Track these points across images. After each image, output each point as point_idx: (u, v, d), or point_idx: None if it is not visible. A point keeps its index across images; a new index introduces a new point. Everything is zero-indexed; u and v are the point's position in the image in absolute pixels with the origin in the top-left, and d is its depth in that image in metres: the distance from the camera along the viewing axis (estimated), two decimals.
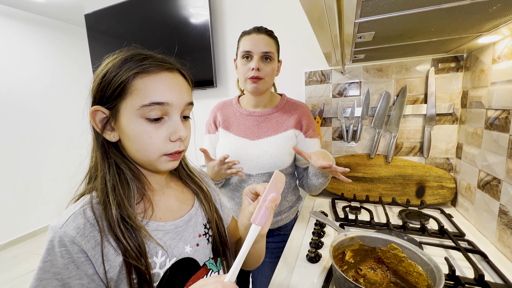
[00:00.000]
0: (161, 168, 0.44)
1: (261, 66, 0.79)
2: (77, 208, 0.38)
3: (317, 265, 0.69)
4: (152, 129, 0.41)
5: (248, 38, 0.80)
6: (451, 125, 1.01)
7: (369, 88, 1.11)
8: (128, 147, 0.43)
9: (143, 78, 0.40)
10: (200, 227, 0.50)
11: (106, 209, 0.38)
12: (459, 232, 0.79)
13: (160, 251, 0.42)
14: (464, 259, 0.65)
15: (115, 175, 0.41)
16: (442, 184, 1.01)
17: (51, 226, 0.37)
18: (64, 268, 0.35)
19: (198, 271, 0.47)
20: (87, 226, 0.37)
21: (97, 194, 0.40)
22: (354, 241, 0.58)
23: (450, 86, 1.00)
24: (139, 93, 0.40)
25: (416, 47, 0.84)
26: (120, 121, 0.41)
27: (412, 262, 0.52)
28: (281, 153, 0.83)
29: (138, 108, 0.40)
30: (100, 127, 0.42)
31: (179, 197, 0.51)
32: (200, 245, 0.49)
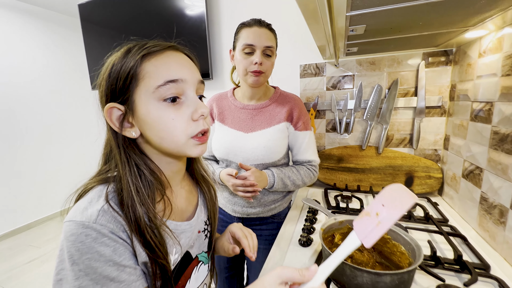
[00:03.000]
0: (191, 153, 0.43)
1: (263, 61, 0.79)
2: (101, 204, 0.37)
3: (308, 249, 0.72)
4: (173, 111, 0.40)
5: (250, 31, 0.79)
6: (439, 117, 1.05)
7: (362, 81, 1.13)
8: (152, 138, 0.41)
9: (150, 59, 0.39)
10: (201, 224, 0.53)
11: (130, 209, 0.38)
12: (443, 218, 0.84)
13: (175, 249, 0.44)
14: (446, 242, 0.69)
15: (137, 177, 0.40)
16: (429, 174, 1.05)
17: (78, 222, 0.35)
18: (114, 253, 0.35)
19: (191, 263, 0.49)
20: (116, 221, 0.37)
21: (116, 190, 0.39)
22: (343, 225, 0.62)
23: (439, 80, 1.03)
24: (151, 76, 0.39)
25: (407, 40, 0.86)
26: (138, 111, 0.40)
27: (396, 243, 0.56)
28: (274, 145, 0.86)
29: (153, 91, 0.38)
30: (118, 125, 0.40)
31: (187, 198, 0.52)
32: (197, 241, 0.51)
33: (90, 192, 0.39)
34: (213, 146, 0.91)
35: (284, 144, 0.88)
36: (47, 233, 2.71)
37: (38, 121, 2.91)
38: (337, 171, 1.20)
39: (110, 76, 0.39)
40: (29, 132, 2.82)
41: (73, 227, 0.35)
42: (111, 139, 0.41)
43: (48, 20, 2.96)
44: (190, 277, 0.49)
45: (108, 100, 0.40)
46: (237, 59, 0.82)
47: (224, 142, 0.87)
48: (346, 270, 0.46)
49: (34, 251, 2.39)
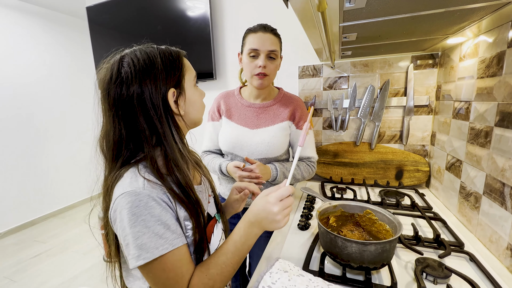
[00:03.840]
0: (201, 122, 0.59)
1: (267, 64, 0.87)
2: (141, 178, 0.45)
3: (306, 232, 0.81)
4: (200, 92, 0.58)
5: (255, 36, 0.86)
6: (427, 115, 1.14)
7: (356, 82, 1.22)
8: (192, 113, 0.55)
9: (184, 59, 0.54)
10: (208, 190, 0.63)
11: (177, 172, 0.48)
12: (427, 206, 0.93)
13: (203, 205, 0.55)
14: (428, 226, 0.78)
15: (179, 147, 0.50)
16: (418, 168, 1.15)
17: (130, 191, 0.43)
18: (161, 214, 0.43)
19: (211, 221, 0.59)
20: (159, 188, 0.45)
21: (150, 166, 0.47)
22: (337, 209, 0.71)
23: (427, 81, 1.12)
24: (188, 69, 0.54)
25: (396, 45, 0.95)
26: (187, 94, 0.53)
27: (382, 223, 0.64)
28: (277, 141, 0.94)
29: (193, 79, 0.55)
30: (173, 104, 0.50)
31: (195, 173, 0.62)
32: (211, 202, 0.62)
33: (126, 173, 0.46)
34: (220, 140, 0.99)
35: (286, 141, 0.96)
36: (51, 229, 2.78)
37: (45, 119, 2.97)
38: (333, 165, 1.28)
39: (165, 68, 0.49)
40: (35, 130, 2.88)
41: (128, 197, 0.43)
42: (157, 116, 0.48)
43: (55, 21, 3.02)
44: (213, 231, 0.58)
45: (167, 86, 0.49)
46: (244, 62, 0.90)
47: (230, 137, 0.95)
48: (338, 242, 0.55)
49: (40, 246, 2.45)
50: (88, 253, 2.27)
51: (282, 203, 0.48)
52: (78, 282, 1.90)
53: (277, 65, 0.91)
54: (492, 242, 0.68)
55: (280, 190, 0.49)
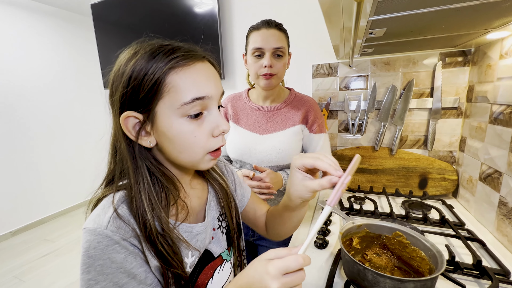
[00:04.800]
0: (203, 167, 0.43)
1: (273, 63, 0.79)
2: (111, 212, 0.37)
3: (324, 251, 0.73)
4: (195, 127, 0.39)
5: (258, 34, 0.78)
6: (455, 119, 1.04)
7: (376, 82, 1.12)
8: (169, 150, 0.40)
9: (178, 73, 0.37)
10: (214, 221, 0.52)
11: (141, 218, 0.37)
12: (459, 221, 0.83)
13: (191, 252, 0.43)
14: (464, 246, 0.69)
15: (149, 185, 0.39)
16: (444, 176, 1.04)
17: (89, 229, 0.35)
18: (124, 261, 0.35)
19: (212, 261, 0.49)
20: (127, 229, 0.37)
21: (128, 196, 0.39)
22: (361, 229, 0.62)
23: (456, 80, 1.01)
24: (177, 90, 0.37)
25: (425, 41, 0.85)
26: (158, 124, 0.38)
27: (415, 248, 0.56)
28: (288, 148, 0.86)
29: (179, 107, 0.37)
30: (134, 134, 0.39)
31: (199, 197, 0.51)
32: (215, 238, 0.50)
33: (104, 200, 0.40)
34: (227, 147, 0.92)
35: (298, 146, 0.88)
36: (60, 227, 2.79)
37: (51, 117, 2.97)
38: None
39: (130, 82, 0.37)
40: (42, 128, 2.89)
41: (87, 235, 0.35)
42: (123, 146, 0.40)
43: (60, 18, 3.00)
44: (212, 276, 0.49)
45: (126, 107, 0.38)
46: (249, 62, 0.83)
47: (238, 144, 0.87)
48: (367, 275, 0.47)
49: (48, 245, 2.46)
50: None
51: (285, 280, 0.33)
52: None
53: (285, 63, 0.83)
54: None
55: (287, 260, 0.33)
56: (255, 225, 0.65)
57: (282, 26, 0.83)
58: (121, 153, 0.40)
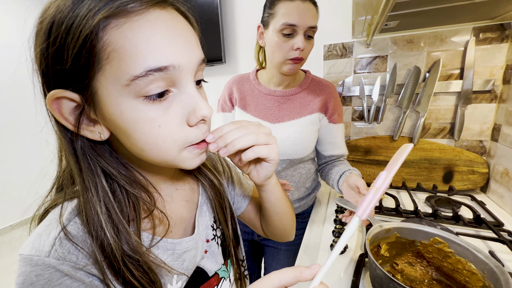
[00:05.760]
0: (188, 165, 0.31)
1: (305, 45, 0.65)
2: (57, 230, 0.26)
3: (343, 257, 0.63)
4: (159, 113, 0.26)
5: (292, 6, 0.63)
6: (488, 103, 0.91)
7: (397, 62, 0.99)
8: (128, 146, 0.28)
9: (121, 26, 0.23)
10: (207, 230, 0.41)
11: (97, 239, 0.27)
12: (496, 221, 0.72)
13: (175, 277, 0.33)
14: (509, 251, 0.59)
15: (106, 193, 0.28)
16: (473, 168, 0.93)
17: (27, 256, 0.25)
18: None
19: (206, 281, 0.38)
20: (81, 254, 0.26)
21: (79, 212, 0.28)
22: (391, 233, 0.52)
23: (491, 60, 0.88)
24: (121, 56, 0.24)
25: (460, 11, 0.72)
26: (103, 108, 0.26)
27: (461, 259, 0.45)
28: (305, 139, 0.75)
29: (127, 84, 0.24)
30: (72, 121, 0.27)
31: (188, 201, 0.40)
32: (209, 252, 0.40)
33: (51, 213, 0.29)
34: None
35: (315, 138, 0.77)
36: None
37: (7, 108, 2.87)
38: (364, 164, 1.08)
39: (50, 41, 0.24)
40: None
41: (22, 265, 0.25)
42: (61, 140, 0.28)
43: None
44: None
45: (52, 82, 0.25)
46: (272, 41, 0.67)
47: None
48: None
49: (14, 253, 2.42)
50: None
51: None
52: None
53: (313, 45, 0.70)
54: None
55: None
56: (255, 225, 0.54)
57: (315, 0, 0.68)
58: (61, 150, 0.29)
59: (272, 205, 0.44)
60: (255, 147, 0.33)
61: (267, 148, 0.33)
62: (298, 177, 0.81)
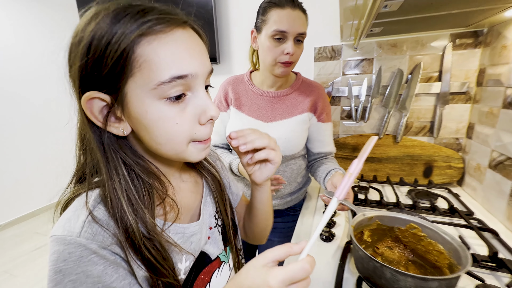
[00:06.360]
0: (193, 159, 0.36)
1: (295, 50, 0.71)
2: (85, 215, 0.30)
3: (331, 244, 0.69)
4: (176, 113, 0.32)
5: (283, 14, 0.68)
6: (463, 104, 0.99)
7: (382, 65, 1.06)
8: (147, 140, 0.33)
9: (151, 42, 0.29)
10: (210, 218, 0.46)
11: (122, 221, 0.31)
12: (468, 211, 0.80)
13: (184, 256, 0.38)
14: (476, 237, 0.66)
15: (127, 181, 0.33)
16: (450, 164, 1.01)
17: (59, 237, 0.29)
18: (103, 273, 0.30)
19: (209, 264, 0.44)
20: (106, 234, 0.31)
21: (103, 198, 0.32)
22: (373, 221, 0.58)
23: (466, 64, 0.96)
24: (151, 66, 0.29)
25: (437, 20, 0.79)
26: (130, 108, 0.31)
27: (432, 241, 0.52)
28: (295, 137, 0.80)
29: (154, 88, 0.30)
30: (101, 119, 0.32)
31: (193, 192, 0.45)
32: (212, 238, 0.45)
33: (75, 201, 0.33)
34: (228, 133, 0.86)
35: (305, 136, 0.83)
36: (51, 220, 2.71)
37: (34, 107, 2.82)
38: (352, 160, 1.14)
39: (90, 54, 0.29)
40: (28, 118, 2.75)
41: (55, 244, 0.29)
42: (90, 135, 0.32)
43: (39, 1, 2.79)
44: (210, 281, 0.43)
45: (87, 86, 0.30)
46: (265, 45, 0.72)
47: None
48: (385, 274, 0.43)
49: (40, 238, 2.40)
50: None
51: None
52: None
53: (302, 49, 0.75)
54: None
55: (293, 268, 0.29)
56: (239, 224, 0.60)
57: (304, 7, 0.73)
58: (88, 144, 0.33)
59: (263, 204, 0.51)
60: (266, 149, 0.41)
61: (275, 152, 0.42)
62: (290, 173, 0.87)
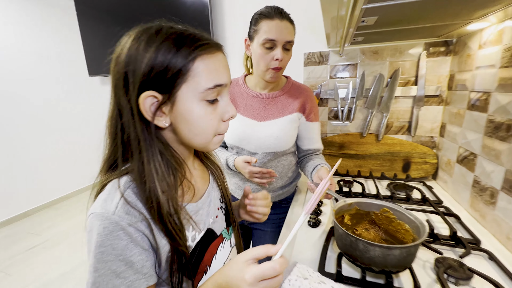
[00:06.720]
0: (212, 148, 0.46)
1: (283, 56, 0.79)
2: (118, 197, 0.38)
3: (317, 229, 0.78)
4: (211, 112, 0.42)
5: (272, 24, 0.76)
6: (437, 106, 1.10)
7: (365, 70, 1.16)
8: (185, 132, 0.42)
9: (204, 60, 0.39)
10: (217, 201, 0.56)
11: (154, 197, 0.38)
12: (438, 200, 0.91)
13: (191, 226, 0.46)
14: (442, 221, 0.76)
15: (161, 165, 0.40)
16: (425, 160, 1.12)
17: (97, 214, 0.36)
18: (125, 248, 0.36)
19: (215, 240, 0.52)
20: (135, 213, 0.38)
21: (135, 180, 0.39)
22: (352, 207, 0.67)
23: (438, 69, 1.07)
24: (201, 76, 0.39)
25: (411, 31, 0.89)
26: (178, 106, 0.39)
27: (400, 222, 0.61)
28: (286, 135, 0.89)
29: (201, 92, 0.39)
30: (150, 113, 0.39)
31: (201, 176, 0.54)
32: (219, 217, 0.54)
33: (109, 185, 0.40)
34: None
35: (295, 134, 0.91)
36: (45, 220, 2.71)
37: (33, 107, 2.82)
38: (338, 157, 1.25)
39: (153, 68, 0.37)
40: (24, 118, 2.75)
41: (93, 220, 0.36)
42: (138, 126, 0.39)
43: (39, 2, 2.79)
44: (216, 253, 0.52)
45: (145, 88, 0.38)
46: (257, 52, 0.80)
47: (236, 130, 0.89)
48: (359, 246, 0.51)
49: (34, 238, 2.40)
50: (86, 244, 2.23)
51: (261, 287, 0.36)
52: (77, 275, 1.87)
53: (290, 56, 0.84)
54: (509, 239, 0.66)
55: (264, 269, 0.36)
56: None
57: (291, 18, 0.82)
58: (130, 134, 0.40)
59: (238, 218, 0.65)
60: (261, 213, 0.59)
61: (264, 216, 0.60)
62: (281, 168, 0.95)
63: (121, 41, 0.40)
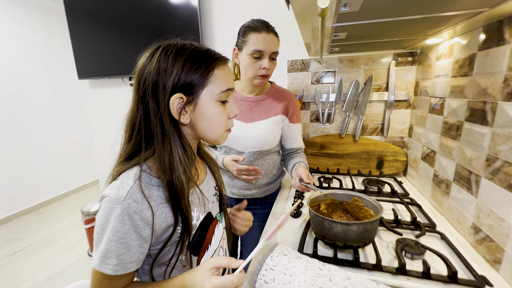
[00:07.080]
0: (221, 141, 0.55)
1: (270, 65, 0.88)
2: (131, 184, 0.44)
3: (298, 220, 0.87)
4: (223, 111, 0.51)
5: (260, 37, 0.85)
6: (405, 109, 1.23)
7: (342, 77, 1.28)
8: (202, 128, 0.51)
9: (220, 69, 0.49)
10: (212, 188, 0.64)
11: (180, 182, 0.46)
12: (405, 192, 1.03)
13: (196, 207, 0.53)
14: (406, 210, 0.87)
15: (182, 154, 0.48)
16: (397, 158, 1.24)
17: (111, 198, 0.42)
18: (127, 233, 0.42)
19: (213, 221, 0.60)
20: (144, 201, 0.43)
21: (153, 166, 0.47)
22: (327, 197, 0.77)
23: (406, 77, 1.20)
24: (218, 81, 0.49)
25: (381, 44, 1.01)
26: (199, 105, 0.48)
27: (367, 209, 0.71)
28: (271, 135, 0.97)
29: (218, 94, 0.49)
30: (177, 112, 0.47)
31: (202, 169, 0.63)
32: (214, 202, 0.62)
33: (122, 174, 0.46)
34: None
35: (278, 134, 1.00)
36: (28, 225, 2.65)
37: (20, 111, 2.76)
38: (320, 156, 1.35)
39: (183, 75, 0.46)
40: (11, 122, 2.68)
41: (105, 202, 0.43)
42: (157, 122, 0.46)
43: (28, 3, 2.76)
44: (214, 233, 0.60)
45: (175, 92, 0.46)
46: (245, 61, 0.89)
47: None
48: (325, 224, 0.61)
49: (17, 243, 2.35)
50: (72, 248, 2.21)
51: None
52: (64, 277, 1.86)
53: (276, 64, 0.93)
54: (459, 222, 0.78)
55: (225, 279, 0.41)
56: None
57: (276, 31, 0.91)
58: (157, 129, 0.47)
59: None
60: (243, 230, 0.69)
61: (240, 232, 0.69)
62: (267, 166, 1.04)
63: (145, 54, 0.48)
